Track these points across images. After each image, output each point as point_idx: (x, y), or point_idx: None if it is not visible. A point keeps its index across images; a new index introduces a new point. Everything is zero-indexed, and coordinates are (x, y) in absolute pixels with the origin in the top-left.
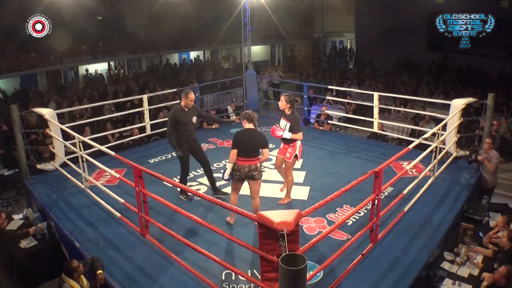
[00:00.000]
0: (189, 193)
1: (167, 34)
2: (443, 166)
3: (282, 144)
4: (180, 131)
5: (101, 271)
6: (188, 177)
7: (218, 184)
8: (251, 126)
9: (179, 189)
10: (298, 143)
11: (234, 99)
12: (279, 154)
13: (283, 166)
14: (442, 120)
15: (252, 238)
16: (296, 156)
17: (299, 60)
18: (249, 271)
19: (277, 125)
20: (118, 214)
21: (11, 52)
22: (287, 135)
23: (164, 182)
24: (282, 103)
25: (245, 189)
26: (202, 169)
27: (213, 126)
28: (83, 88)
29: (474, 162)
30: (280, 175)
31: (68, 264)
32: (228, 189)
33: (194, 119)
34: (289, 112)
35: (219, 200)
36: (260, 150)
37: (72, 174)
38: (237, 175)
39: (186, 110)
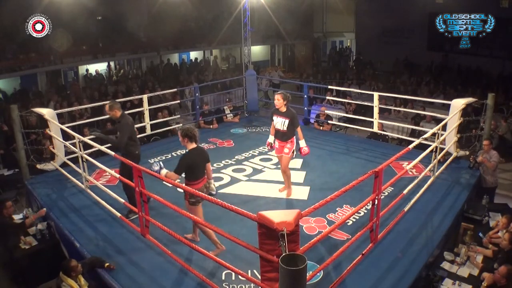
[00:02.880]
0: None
1: (167, 34)
2: (443, 166)
3: (277, 143)
4: None
5: (107, 263)
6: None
7: None
8: (193, 145)
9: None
10: (294, 138)
11: (227, 99)
12: (278, 154)
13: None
14: (442, 120)
15: (252, 238)
16: (293, 151)
17: (299, 60)
18: (249, 271)
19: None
20: (118, 214)
21: (11, 52)
22: (303, 143)
23: (164, 182)
24: (280, 102)
25: (245, 188)
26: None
27: (211, 126)
28: (83, 88)
29: (475, 164)
30: (283, 176)
31: (67, 263)
32: (230, 189)
33: None
34: (285, 109)
35: (219, 200)
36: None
37: (72, 174)
38: (199, 201)
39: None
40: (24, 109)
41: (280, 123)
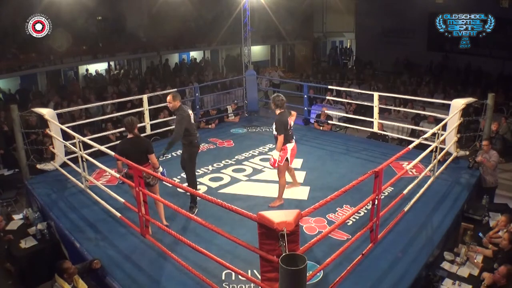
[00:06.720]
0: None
1: (167, 34)
2: (443, 166)
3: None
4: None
5: (97, 260)
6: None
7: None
8: (130, 135)
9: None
10: (290, 146)
11: (235, 101)
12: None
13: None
14: (442, 120)
15: (252, 238)
16: (287, 160)
17: (299, 60)
18: (249, 271)
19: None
20: (118, 214)
21: (11, 52)
22: (275, 154)
23: (164, 182)
24: (272, 106)
25: (245, 188)
26: (202, 169)
27: (210, 126)
28: (83, 88)
29: (475, 164)
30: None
31: (60, 264)
32: (230, 189)
33: None
34: (278, 113)
35: (219, 201)
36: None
37: (72, 174)
38: (153, 183)
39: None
40: (24, 109)
41: (273, 127)
